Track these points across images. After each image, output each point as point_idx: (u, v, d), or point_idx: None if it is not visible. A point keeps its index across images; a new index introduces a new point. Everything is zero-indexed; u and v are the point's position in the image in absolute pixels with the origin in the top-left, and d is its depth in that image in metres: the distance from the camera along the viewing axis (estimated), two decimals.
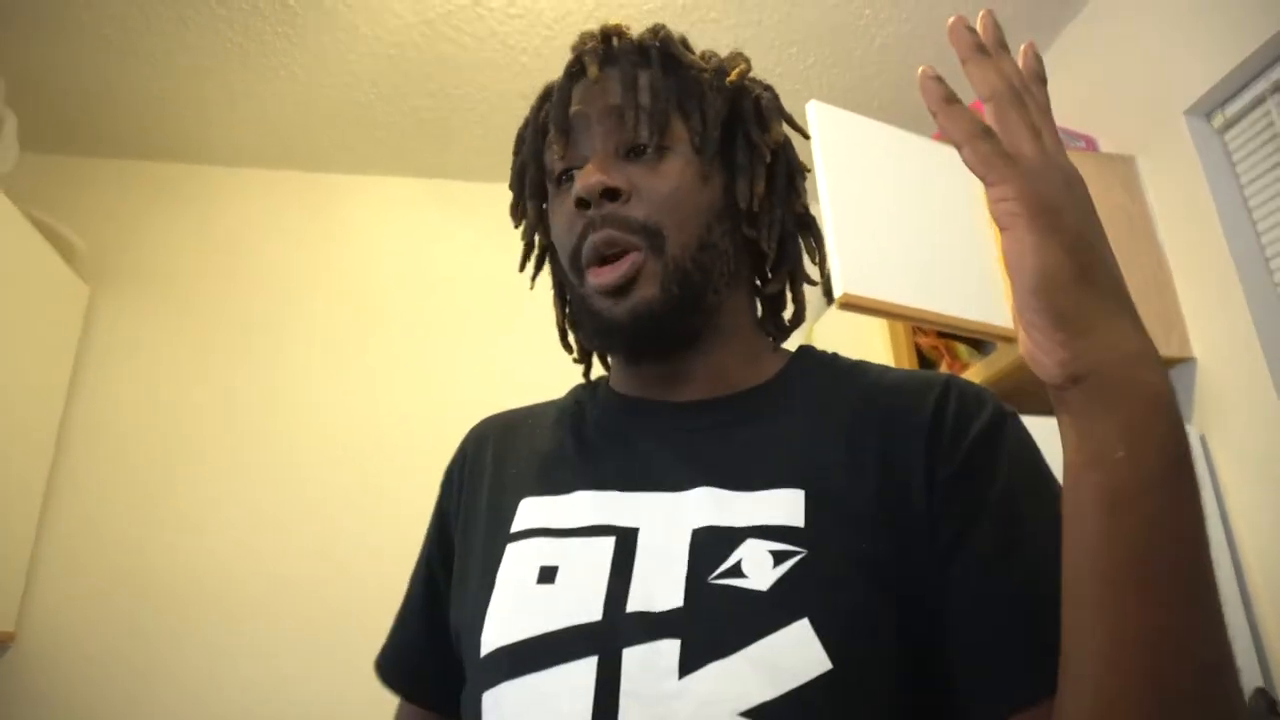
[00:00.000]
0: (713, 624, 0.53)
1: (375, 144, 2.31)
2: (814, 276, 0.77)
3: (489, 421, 0.78)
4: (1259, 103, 1.58)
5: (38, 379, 1.99)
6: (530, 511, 0.65)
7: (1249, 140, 1.60)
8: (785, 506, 0.56)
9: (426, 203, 2.45)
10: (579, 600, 0.57)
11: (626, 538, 0.59)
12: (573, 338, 0.75)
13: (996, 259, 1.62)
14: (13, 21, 1.87)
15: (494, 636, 0.59)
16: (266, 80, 2.07)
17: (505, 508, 0.66)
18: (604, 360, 0.77)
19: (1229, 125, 1.64)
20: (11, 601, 1.89)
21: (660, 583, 0.56)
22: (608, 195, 0.62)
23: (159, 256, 2.27)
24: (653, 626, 0.54)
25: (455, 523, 0.72)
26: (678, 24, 1.95)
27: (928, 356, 1.98)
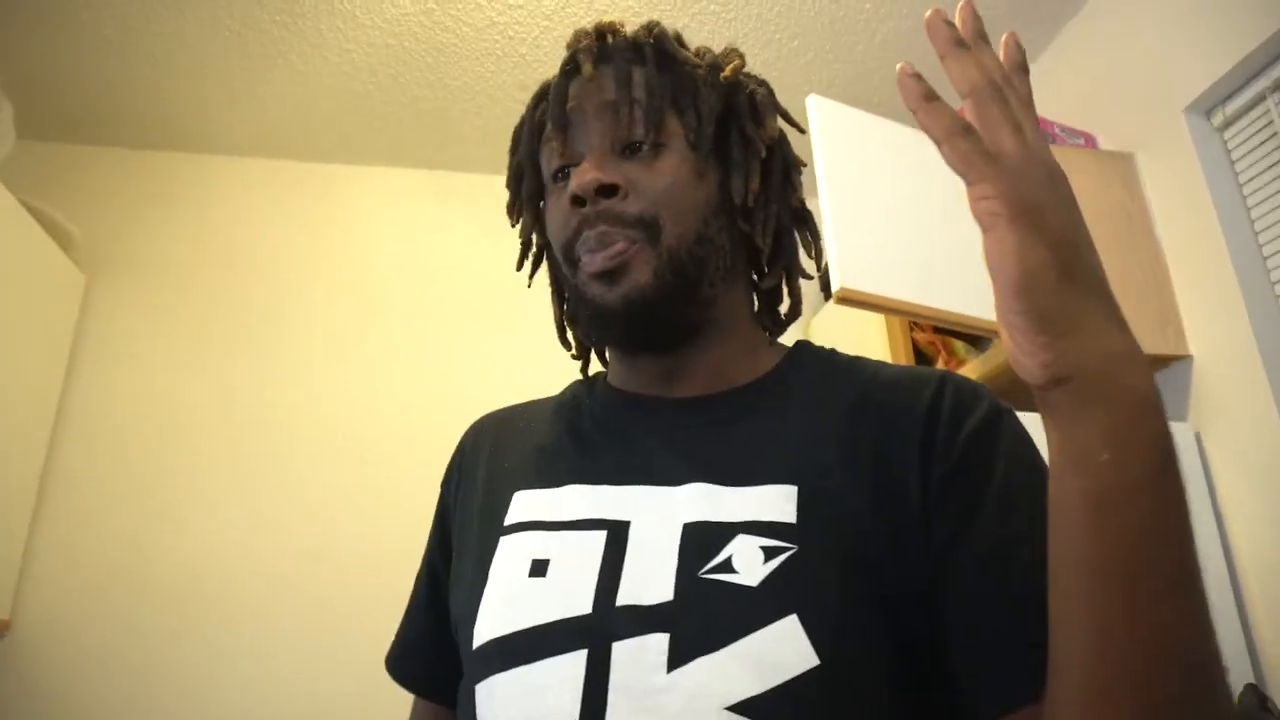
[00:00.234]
0: (702, 619, 0.54)
1: (374, 134, 2.30)
2: (810, 271, 0.76)
3: (486, 418, 0.79)
4: (1259, 101, 1.58)
5: (33, 368, 1.99)
6: (523, 504, 0.65)
7: (1248, 138, 1.60)
8: (777, 502, 0.57)
9: (425, 194, 2.45)
10: (569, 593, 0.57)
11: (618, 531, 0.59)
12: (571, 335, 0.76)
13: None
14: (9, 9, 1.86)
15: (486, 629, 0.60)
16: (265, 70, 2.06)
17: (499, 501, 0.67)
18: (601, 356, 0.77)
19: (1228, 123, 1.64)
20: (7, 589, 1.89)
21: (651, 577, 0.56)
22: (603, 192, 0.62)
23: (156, 246, 2.26)
24: (642, 620, 0.54)
25: (453, 519, 0.73)
26: (678, 17, 1.97)
27: (925, 352, 1.98)
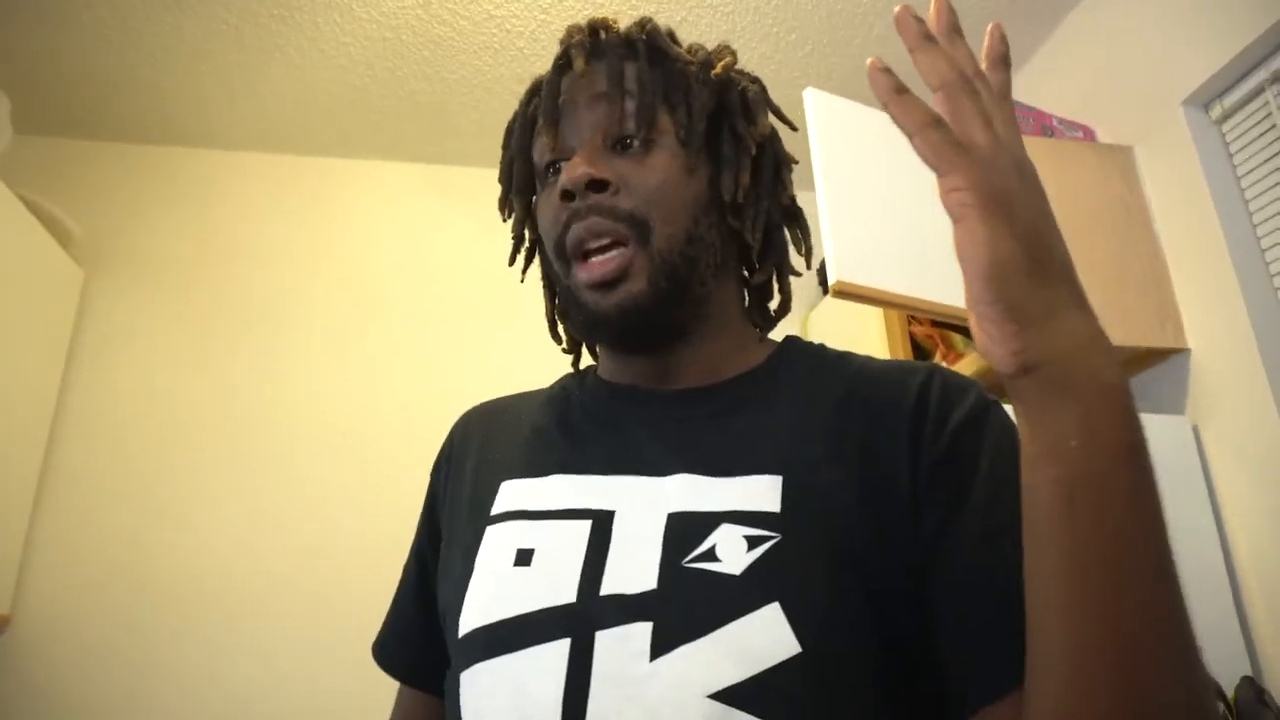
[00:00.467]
0: (685, 607, 0.54)
1: (371, 128, 2.30)
2: (800, 268, 0.76)
3: (476, 409, 0.79)
4: (1257, 93, 1.57)
5: (32, 364, 1.99)
6: (510, 494, 0.66)
7: (1246, 131, 1.60)
8: (762, 492, 0.57)
9: (423, 188, 2.44)
10: (554, 582, 0.58)
11: (603, 521, 0.60)
12: (562, 328, 0.76)
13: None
14: (9, 5, 1.86)
15: (471, 618, 0.60)
16: (262, 64, 2.05)
17: (487, 491, 0.67)
18: (593, 350, 0.78)
19: (1227, 116, 1.64)
20: (7, 585, 1.90)
21: (634, 566, 0.56)
22: (594, 187, 0.62)
23: (154, 241, 2.26)
24: (625, 609, 0.55)
25: (442, 509, 0.73)
26: (675, 10, 1.96)
27: (923, 346, 1.98)
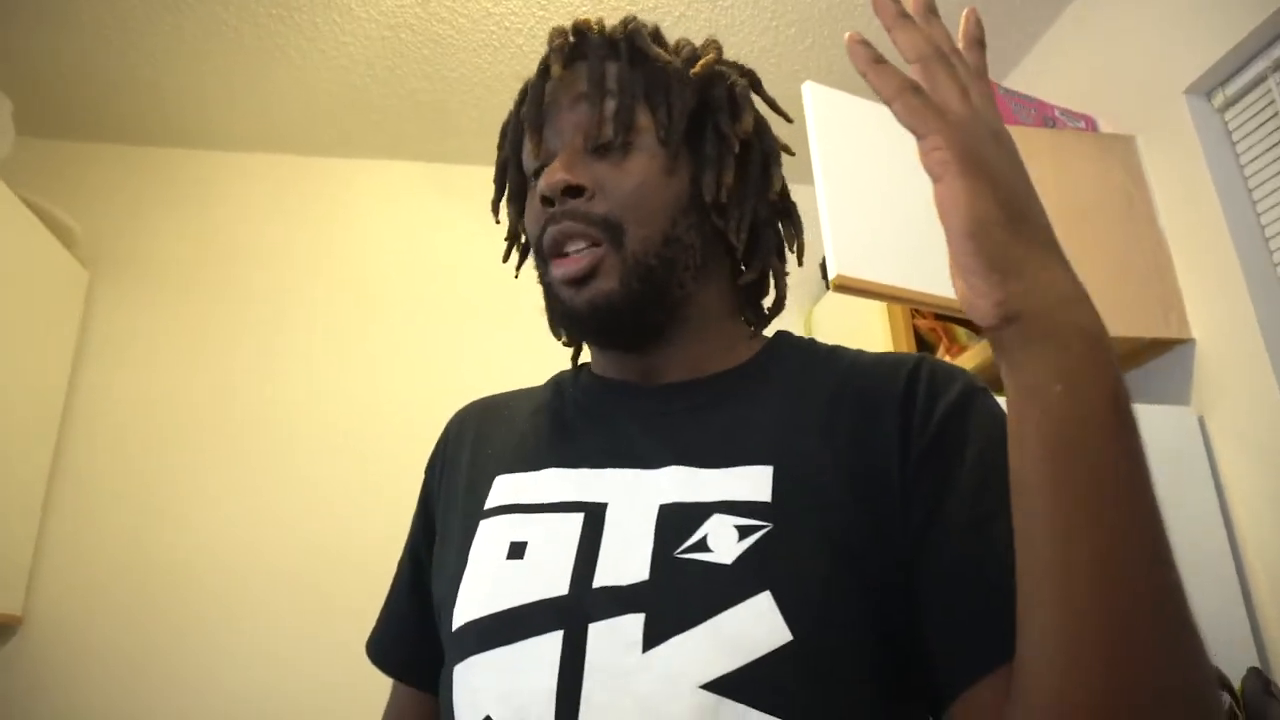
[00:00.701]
0: (677, 598, 0.54)
1: (372, 127, 2.30)
2: (791, 266, 0.75)
3: (472, 405, 0.80)
4: (1259, 81, 1.56)
5: (39, 365, 2.00)
6: (504, 488, 0.66)
7: (1249, 119, 1.59)
8: (753, 482, 0.57)
9: (425, 187, 2.44)
10: (547, 575, 0.58)
11: (595, 513, 0.60)
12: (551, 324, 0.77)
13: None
14: (10, 7, 1.86)
15: (465, 611, 0.60)
16: (263, 64, 2.06)
17: (481, 485, 0.68)
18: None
19: (1229, 104, 1.63)
20: (17, 586, 1.91)
21: (627, 557, 0.56)
22: (569, 192, 0.63)
23: (158, 242, 2.27)
24: (618, 601, 0.55)
25: (437, 505, 0.74)
26: (673, 5, 1.95)
27: (926, 339, 1.97)
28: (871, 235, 1.49)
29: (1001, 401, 0.60)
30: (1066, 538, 0.43)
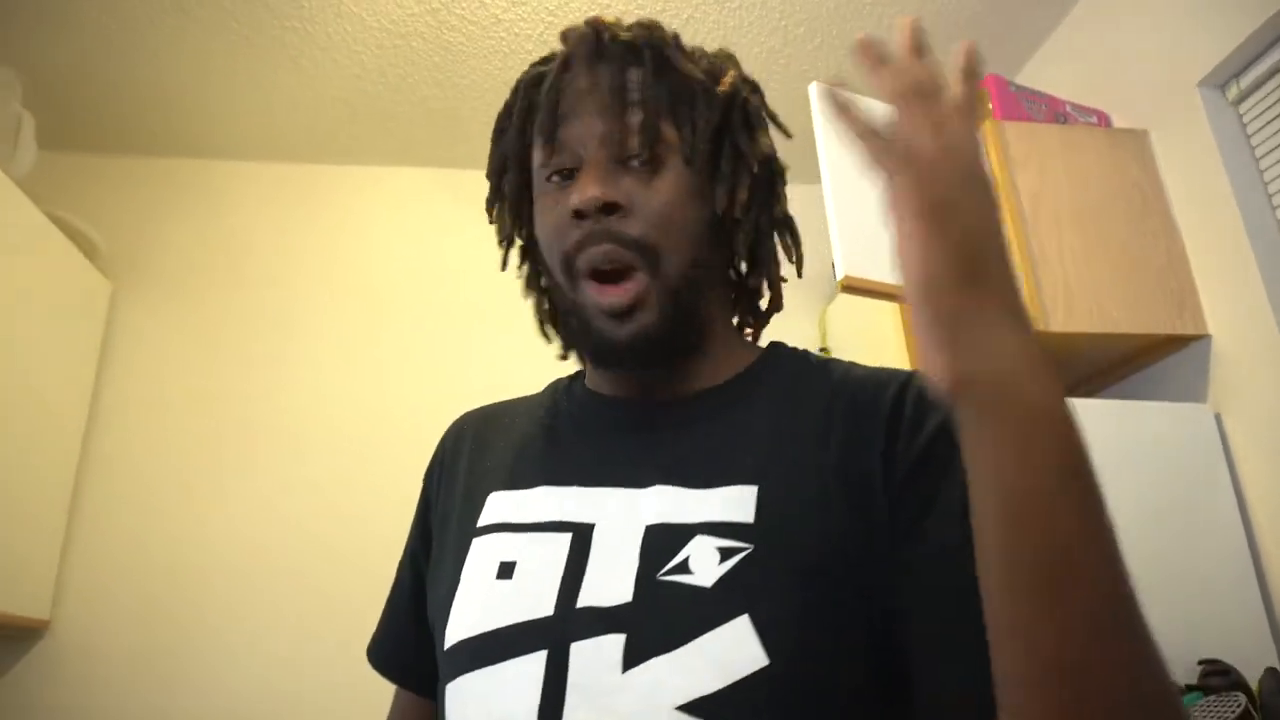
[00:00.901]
0: (658, 620, 0.55)
1: (385, 135, 2.33)
2: (790, 276, 0.75)
3: (468, 416, 0.80)
4: (1274, 73, 1.54)
5: (65, 375, 2.04)
6: (496, 506, 0.67)
7: (1264, 112, 1.57)
8: (737, 503, 0.57)
9: (436, 192, 2.46)
10: (533, 595, 0.59)
11: (582, 534, 0.60)
12: (551, 330, 0.76)
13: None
14: (29, 23, 1.90)
15: (456, 630, 0.61)
16: (277, 74, 2.09)
17: (476, 502, 0.68)
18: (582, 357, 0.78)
19: (1243, 97, 1.61)
20: (45, 591, 1.95)
21: (612, 578, 0.57)
22: (605, 209, 0.62)
23: (177, 251, 2.30)
24: (600, 621, 0.55)
25: (434, 515, 0.75)
26: (681, 7, 1.96)
27: None
28: (879, 236, 1.48)
29: None
30: (1022, 605, 0.42)
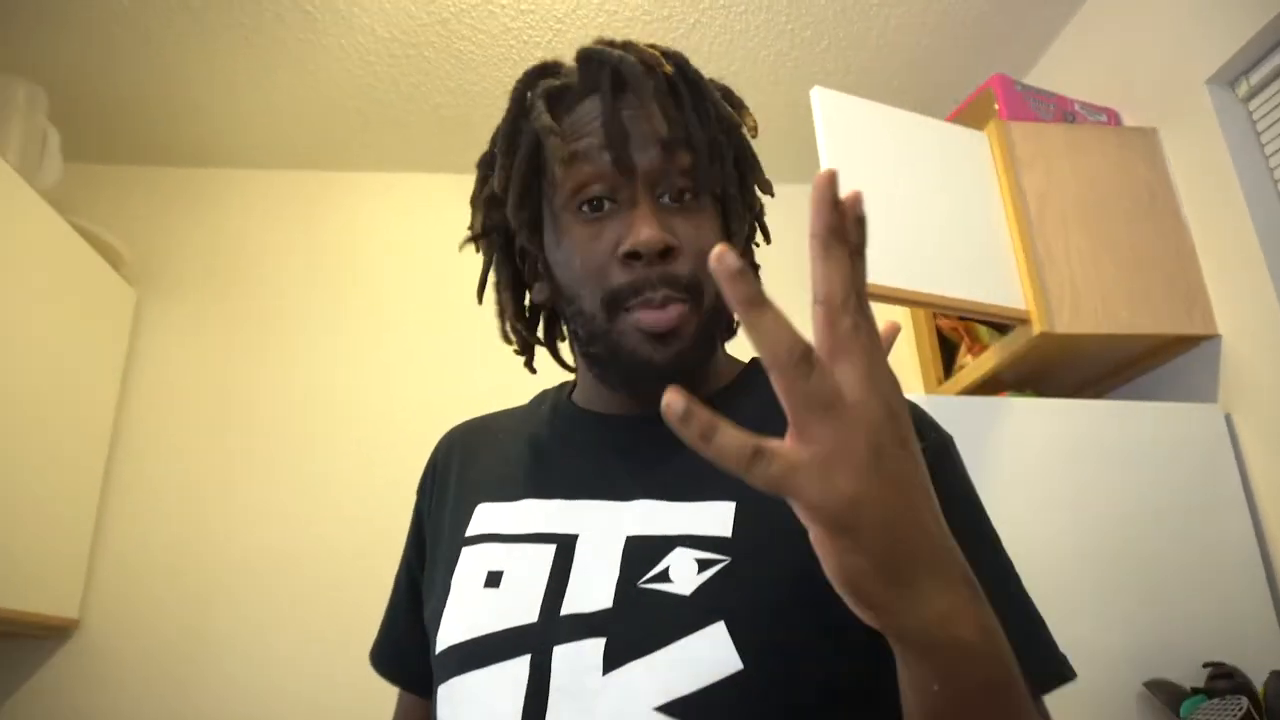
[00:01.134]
0: (637, 625, 0.57)
1: (400, 142, 2.36)
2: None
3: (457, 429, 0.83)
4: None
5: (92, 378, 2.10)
6: (484, 517, 0.70)
7: (1274, 109, 1.55)
8: (715, 518, 0.60)
9: (451, 197, 2.49)
10: (519, 603, 0.61)
11: (566, 545, 0.63)
12: (510, 328, 0.77)
13: (1009, 244, 1.60)
14: (53, 40, 1.96)
15: (447, 635, 0.64)
16: (290, 85, 2.13)
17: (464, 513, 0.71)
18: (554, 353, 0.80)
19: (1254, 93, 1.59)
20: (75, 590, 2.00)
21: (594, 587, 0.60)
22: (664, 253, 0.63)
23: (199, 258, 2.36)
24: (582, 627, 0.58)
25: (427, 525, 0.78)
26: (688, 13, 1.98)
27: (949, 338, 1.96)
28: (882, 239, 1.49)
29: (1043, 403, 0.63)
30: None
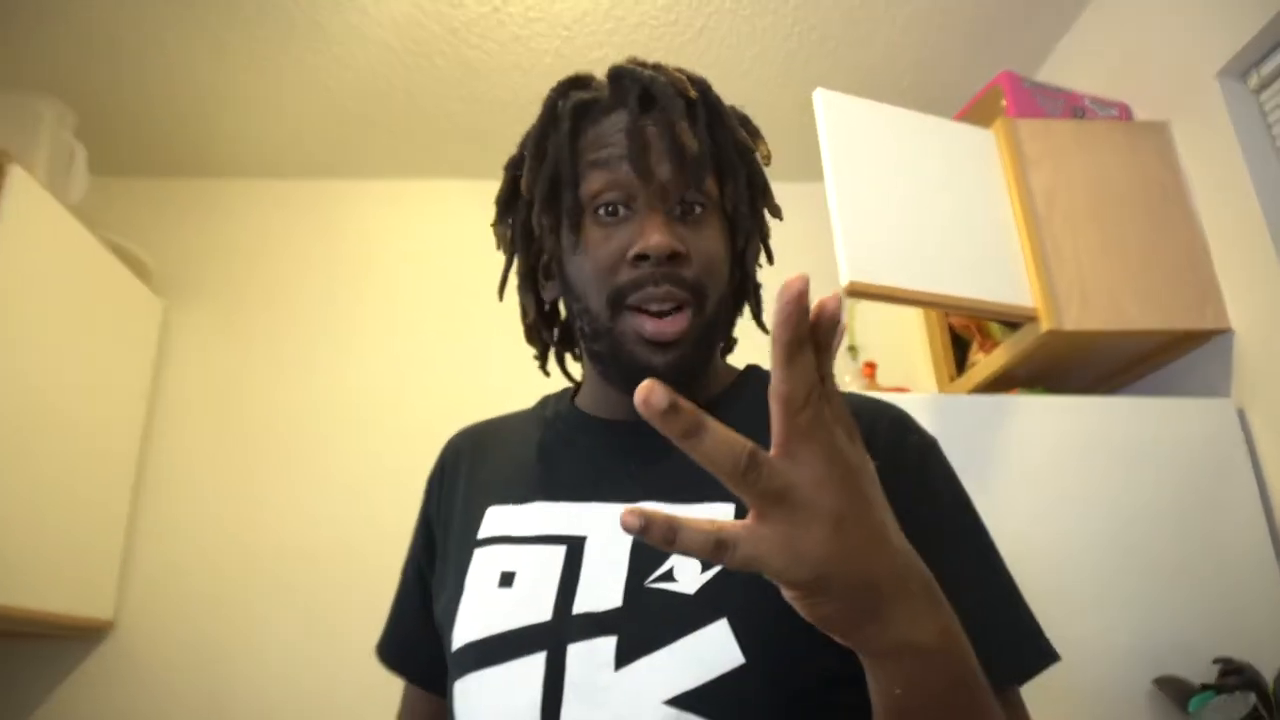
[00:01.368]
0: (645, 623, 0.60)
1: (415, 148, 2.40)
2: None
3: (464, 433, 0.87)
4: None
5: (123, 385, 2.16)
6: (494, 520, 0.73)
7: None
8: (716, 519, 0.62)
9: (468, 202, 2.53)
10: (533, 602, 0.65)
11: (575, 546, 0.66)
12: (532, 327, 0.82)
13: (1017, 242, 1.60)
14: (78, 57, 2.03)
15: (463, 634, 0.67)
16: (306, 97, 2.17)
17: (474, 514, 0.74)
18: (560, 361, 0.84)
19: (1265, 85, 1.58)
20: (109, 592, 2.06)
21: (603, 587, 0.63)
22: (673, 258, 0.67)
23: (223, 267, 2.41)
24: (594, 625, 0.61)
25: (436, 524, 0.81)
26: (694, 17, 1.99)
27: (961, 335, 1.96)
28: (886, 240, 1.50)
29: (1057, 399, 0.66)
30: None
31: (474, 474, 0.80)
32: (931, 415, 1.44)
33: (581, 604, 0.63)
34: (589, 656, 0.60)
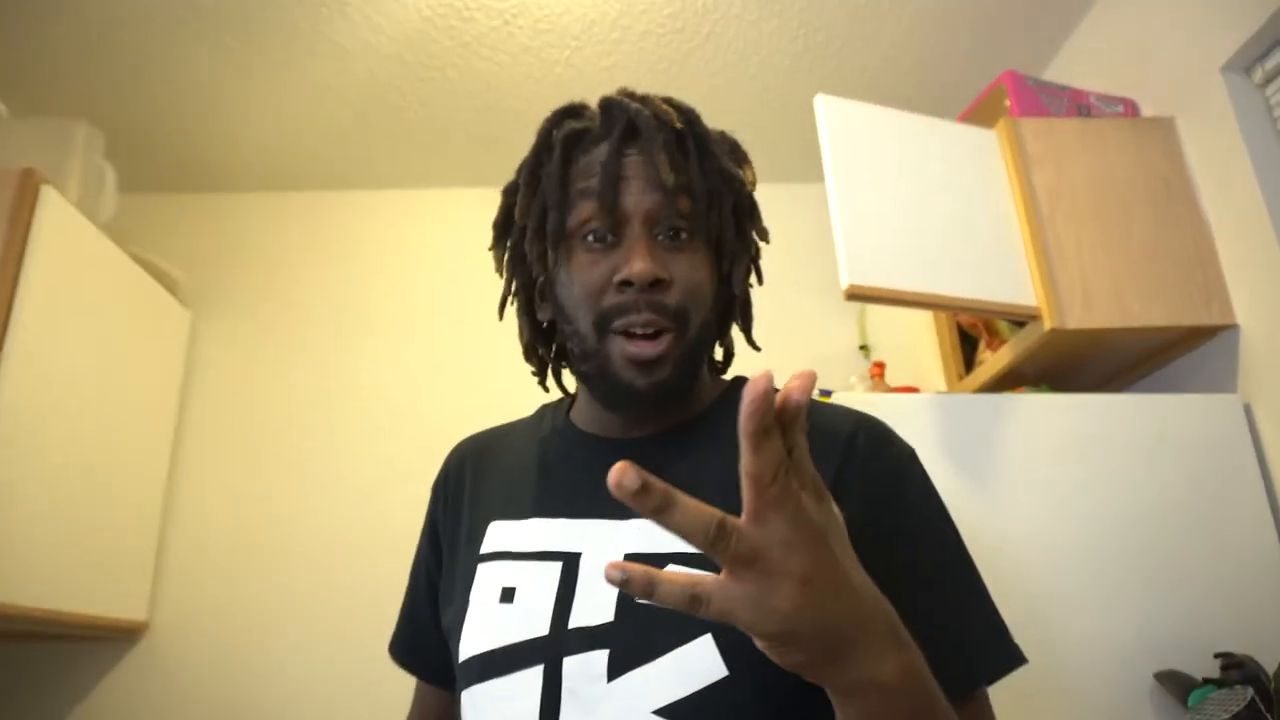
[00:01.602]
0: (636, 637, 0.65)
1: (434, 158, 2.45)
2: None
3: (466, 443, 0.91)
4: None
5: (154, 394, 2.24)
6: (496, 535, 0.78)
7: None
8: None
9: (485, 210, 2.57)
10: (532, 617, 0.70)
11: (571, 562, 0.71)
12: (528, 347, 0.85)
13: (1019, 241, 1.62)
14: (105, 79, 2.10)
15: (468, 647, 0.73)
16: (326, 112, 2.23)
17: (478, 529, 0.79)
18: (557, 376, 0.87)
19: (1269, 79, 1.57)
20: (143, 594, 2.14)
21: (597, 602, 0.68)
22: (655, 284, 0.70)
23: (248, 278, 2.49)
24: (588, 639, 0.66)
25: (442, 533, 0.86)
26: (700, 24, 2.02)
27: (968, 333, 1.97)
28: (887, 242, 1.52)
29: (1060, 398, 0.69)
30: None
31: (477, 486, 0.84)
32: (938, 415, 1.46)
33: (576, 619, 0.67)
34: (583, 668, 0.65)
